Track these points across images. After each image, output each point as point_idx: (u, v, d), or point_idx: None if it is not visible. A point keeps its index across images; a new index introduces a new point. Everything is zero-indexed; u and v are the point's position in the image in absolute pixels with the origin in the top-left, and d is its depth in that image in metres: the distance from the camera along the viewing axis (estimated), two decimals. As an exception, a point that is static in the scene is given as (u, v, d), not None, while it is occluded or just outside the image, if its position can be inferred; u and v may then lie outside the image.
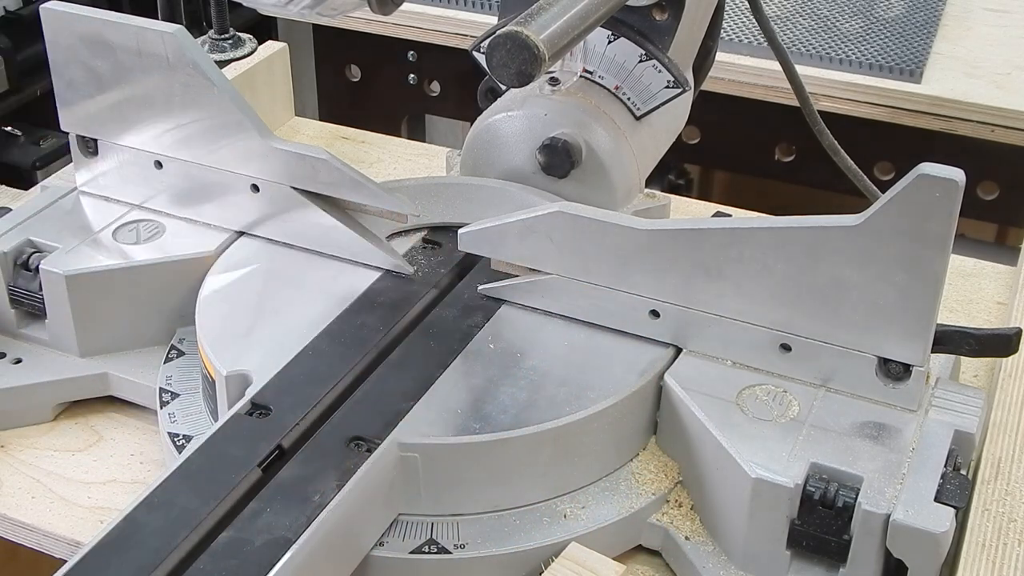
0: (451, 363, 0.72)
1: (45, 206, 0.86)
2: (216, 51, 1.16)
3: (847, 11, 1.41)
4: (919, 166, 0.63)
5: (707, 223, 0.71)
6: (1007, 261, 0.98)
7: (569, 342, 0.74)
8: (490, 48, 0.67)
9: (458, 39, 1.41)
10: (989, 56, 1.33)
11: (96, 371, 0.80)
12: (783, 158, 1.38)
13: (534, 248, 0.74)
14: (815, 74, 1.27)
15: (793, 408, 0.69)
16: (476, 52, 0.86)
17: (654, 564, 0.70)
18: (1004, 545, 0.64)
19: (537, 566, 0.66)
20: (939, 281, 0.65)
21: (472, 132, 0.89)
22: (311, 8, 0.75)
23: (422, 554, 0.65)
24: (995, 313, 0.91)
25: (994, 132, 1.23)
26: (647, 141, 0.89)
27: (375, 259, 0.80)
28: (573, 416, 0.67)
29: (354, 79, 1.58)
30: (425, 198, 0.85)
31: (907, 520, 0.61)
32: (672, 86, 0.85)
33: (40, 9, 0.83)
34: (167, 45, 0.80)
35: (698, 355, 0.73)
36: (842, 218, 0.66)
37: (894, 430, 0.67)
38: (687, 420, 0.69)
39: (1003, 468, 0.69)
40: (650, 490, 0.70)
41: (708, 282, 0.70)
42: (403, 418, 0.67)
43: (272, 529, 0.59)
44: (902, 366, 0.68)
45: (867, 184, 0.95)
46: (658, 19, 0.84)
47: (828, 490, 0.63)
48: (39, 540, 0.72)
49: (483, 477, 0.66)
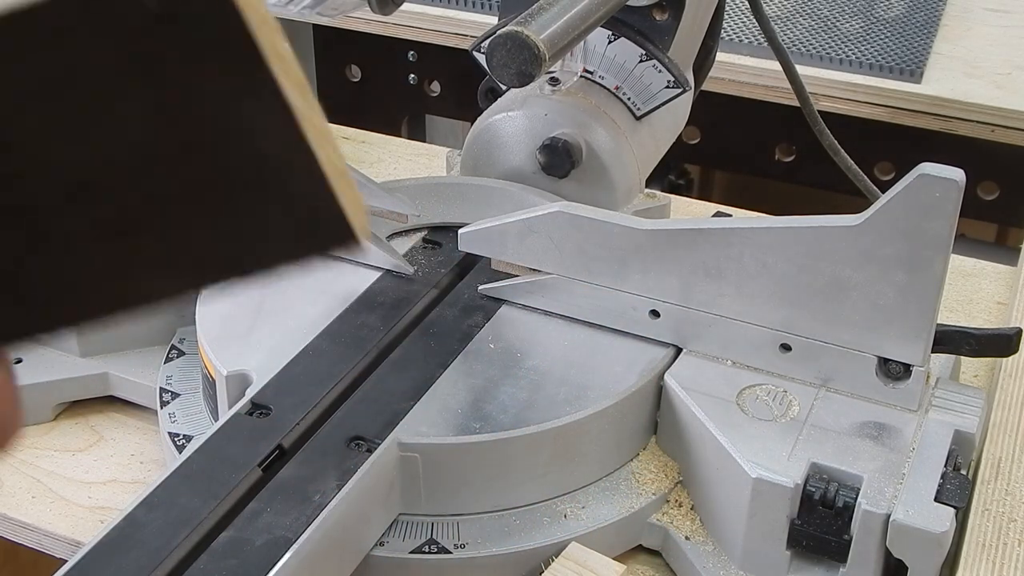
0: (451, 363, 0.72)
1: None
2: (216, 51, 1.16)
3: (847, 11, 1.41)
4: (919, 166, 0.63)
5: (707, 223, 0.71)
6: (1007, 261, 0.98)
7: (569, 342, 0.74)
8: (490, 48, 0.67)
9: (458, 39, 1.41)
10: (989, 56, 1.33)
11: (96, 371, 0.80)
12: (783, 158, 1.38)
13: (534, 248, 0.74)
14: (815, 74, 1.27)
15: (793, 408, 0.69)
16: (476, 52, 0.86)
17: (654, 564, 0.70)
18: (1004, 545, 0.64)
19: (537, 566, 0.66)
20: (939, 281, 0.65)
21: (472, 132, 0.89)
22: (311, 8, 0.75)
23: (422, 554, 0.65)
24: (995, 313, 0.91)
25: (994, 132, 1.23)
26: (647, 141, 0.89)
27: (375, 259, 0.80)
28: (573, 416, 0.67)
29: (354, 79, 1.58)
30: (425, 198, 0.85)
31: (907, 520, 0.61)
32: (672, 86, 0.85)
33: (40, 9, 0.83)
34: (167, 45, 0.80)
35: (698, 355, 0.73)
36: (842, 218, 0.66)
37: (894, 430, 0.67)
38: (687, 420, 0.69)
39: (1003, 468, 0.69)
40: (650, 490, 0.70)
41: (708, 282, 0.70)
42: (403, 418, 0.67)
43: (272, 529, 0.59)
44: (902, 366, 0.68)
45: (867, 184, 0.95)
46: (658, 19, 0.84)
47: (828, 490, 0.63)
48: (39, 540, 0.72)
49: (483, 477, 0.66)
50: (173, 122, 0.30)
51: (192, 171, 0.31)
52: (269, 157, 0.31)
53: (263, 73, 0.30)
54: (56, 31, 0.29)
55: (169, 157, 0.30)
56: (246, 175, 0.31)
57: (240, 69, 0.30)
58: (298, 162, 0.31)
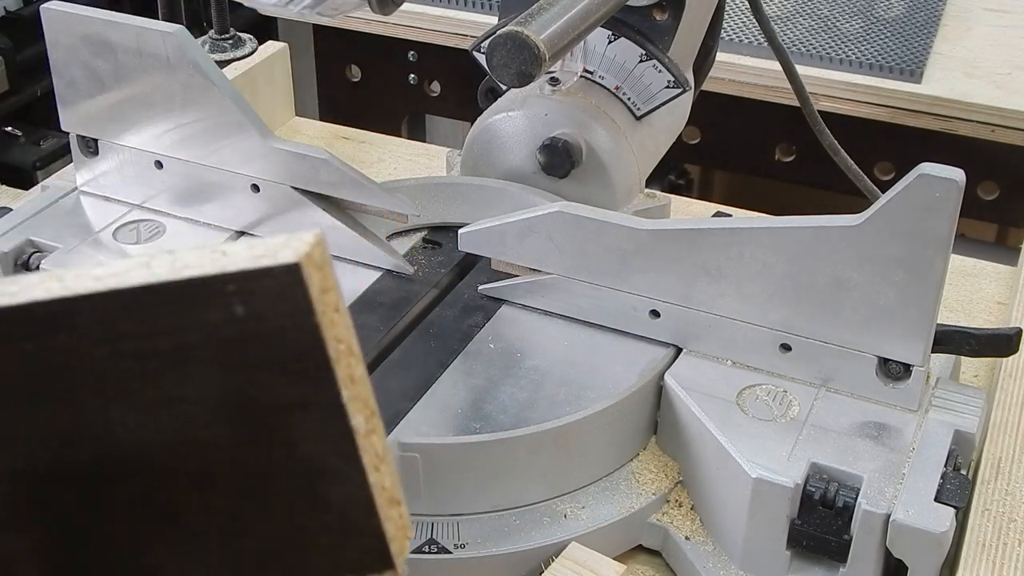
0: (451, 363, 0.72)
1: (45, 206, 0.86)
2: (216, 51, 1.16)
3: (847, 11, 1.41)
4: (919, 166, 0.63)
5: (707, 223, 0.71)
6: (1007, 261, 0.98)
7: (569, 342, 0.74)
8: (490, 48, 0.67)
9: (458, 39, 1.41)
10: (989, 56, 1.33)
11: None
12: (783, 158, 1.38)
13: (534, 248, 0.74)
14: (815, 74, 1.27)
15: (793, 408, 0.69)
16: (476, 52, 0.86)
17: (654, 564, 0.70)
18: (1004, 545, 0.64)
19: (537, 566, 0.66)
20: (939, 281, 0.65)
21: (472, 132, 0.89)
22: (311, 8, 0.75)
23: (422, 554, 0.65)
24: (995, 313, 0.91)
25: (994, 132, 1.23)
26: (647, 141, 0.89)
27: (375, 259, 0.80)
28: (573, 416, 0.67)
29: (354, 79, 1.58)
30: (425, 198, 0.85)
31: (907, 520, 0.61)
32: (672, 86, 0.85)
33: (40, 9, 0.83)
34: (168, 45, 0.80)
35: (698, 355, 0.73)
36: (842, 218, 0.66)
37: (894, 430, 0.67)
38: (687, 420, 0.69)
39: (1003, 468, 0.69)
40: (650, 490, 0.70)
41: (708, 282, 0.70)
42: (403, 418, 0.67)
43: (272, 529, 0.59)
44: (902, 366, 0.68)
45: (867, 184, 0.95)
46: (658, 19, 0.84)
47: (828, 490, 0.63)
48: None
49: (483, 477, 0.66)
50: (235, 415, 0.31)
51: (246, 468, 0.31)
52: (323, 472, 0.31)
53: (331, 394, 0.30)
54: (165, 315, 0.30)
55: (228, 448, 0.31)
56: (296, 483, 0.31)
57: (309, 383, 0.30)
58: (350, 483, 0.31)
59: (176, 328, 0.30)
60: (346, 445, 0.31)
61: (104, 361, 0.30)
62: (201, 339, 0.30)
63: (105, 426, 0.31)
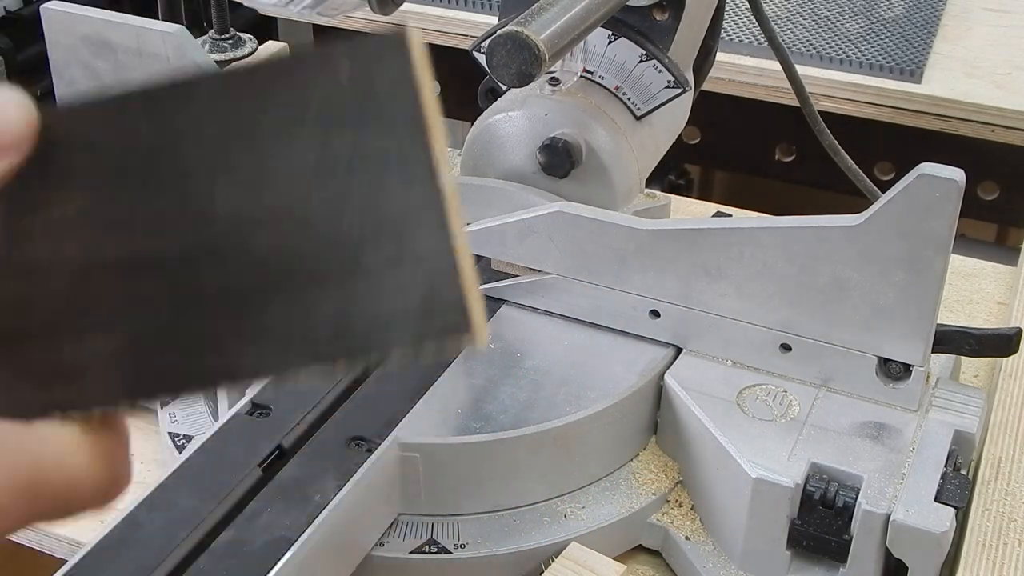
0: (451, 363, 0.72)
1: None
2: (217, 51, 1.16)
3: (847, 11, 1.41)
4: (919, 166, 0.63)
5: (707, 223, 0.71)
6: (1007, 261, 0.98)
7: (569, 342, 0.74)
8: (490, 48, 0.67)
9: (458, 39, 1.41)
10: (989, 56, 1.33)
11: (96, 371, 0.80)
12: (783, 158, 1.38)
13: (534, 248, 0.74)
14: (815, 74, 1.27)
15: (793, 408, 0.69)
16: (476, 52, 0.86)
17: (654, 564, 0.70)
18: (1004, 545, 0.64)
19: (537, 566, 0.66)
20: (939, 281, 0.65)
21: (472, 132, 0.89)
22: (311, 8, 0.74)
23: (422, 554, 0.65)
24: (995, 313, 0.91)
25: (994, 132, 1.23)
26: (647, 141, 0.89)
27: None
28: (573, 416, 0.67)
29: (354, 79, 1.57)
30: (425, 198, 0.85)
31: (907, 520, 0.61)
32: (672, 86, 0.85)
33: (40, 9, 0.83)
34: (168, 45, 0.80)
35: (698, 355, 0.73)
36: (842, 218, 0.66)
37: (894, 430, 0.67)
38: (687, 420, 0.69)
39: (1003, 468, 0.69)
40: (650, 490, 0.70)
41: (708, 282, 0.70)
42: (403, 418, 0.67)
43: (272, 529, 0.59)
44: (902, 366, 0.68)
45: (867, 184, 0.94)
46: (658, 19, 0.84)
47: (828, 490, 0.63)
48: (39, 540, 0.72)
49: (483, 477, 0.66)
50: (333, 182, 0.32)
51: (335, 229, 0.32)
52: (411, 230, 0.32)
53: (425, 154, 0.32)
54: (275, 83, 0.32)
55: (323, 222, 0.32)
56: (384, 242, 0.32)
57: (408, 142, 0.32)
58: (436, 242, 0.32)
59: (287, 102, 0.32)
60: (436, 206, 0.32)
61: (215, 140, 0.32)
62: (310, 104, 0.32)
63: (207, 208, 0.32)
